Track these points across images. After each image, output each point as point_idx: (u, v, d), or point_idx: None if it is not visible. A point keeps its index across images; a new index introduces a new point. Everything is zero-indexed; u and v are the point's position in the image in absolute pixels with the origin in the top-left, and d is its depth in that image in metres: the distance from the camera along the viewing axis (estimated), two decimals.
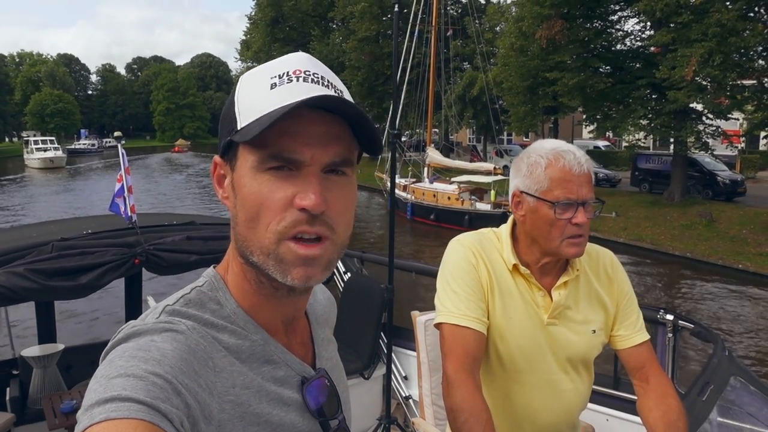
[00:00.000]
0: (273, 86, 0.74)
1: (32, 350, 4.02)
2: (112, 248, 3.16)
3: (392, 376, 3.83)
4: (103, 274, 3.05)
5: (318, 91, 0.73)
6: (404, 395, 3.92)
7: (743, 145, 28.18)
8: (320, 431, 0.83)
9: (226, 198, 0.78)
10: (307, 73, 0.75)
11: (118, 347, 0.67)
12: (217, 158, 0.80)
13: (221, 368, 0.72)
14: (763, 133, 25.28)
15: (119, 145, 3.69)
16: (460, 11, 37.88)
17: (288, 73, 0.75)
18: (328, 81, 0.76)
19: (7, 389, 3.99)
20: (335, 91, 0.76)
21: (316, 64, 0.78)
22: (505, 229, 1.71)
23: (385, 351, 3.82)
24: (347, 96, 0.77)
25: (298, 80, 0.74)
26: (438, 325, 1.61)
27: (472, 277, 1.61)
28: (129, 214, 3.40)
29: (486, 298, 1.62)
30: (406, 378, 3.98)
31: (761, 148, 33.74)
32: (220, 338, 0.74)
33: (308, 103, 0.69)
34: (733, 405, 2.29)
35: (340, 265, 4.44)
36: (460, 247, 1.67)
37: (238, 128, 0.73)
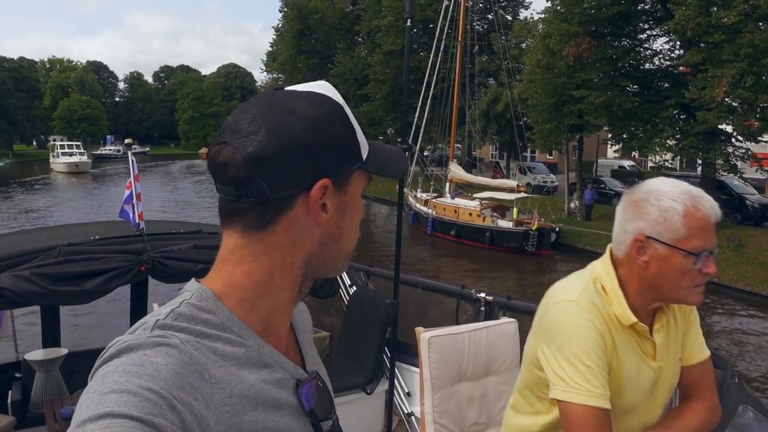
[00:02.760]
0: (351, 118, 0.83)
1: (36, 354, 4.07)
2: (118, 255, 3.15)
3: (395, 392, 3.83)
4: (108, 281, 3.04)
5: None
6: (407, 412, 3.92)
7: None
8: None
9: (327, 220, 0.81)
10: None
11: (110, 363, 0.67)
12: (328, 182, 0.78)
13: (218, 378, 0.72)
14: None
15: (129, 153, 3.74)
16: (486, 27, 37.86)
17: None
18: None
19: (9, 392, 4.02)
20: None
21: None
22: (609, 279, 1.55)
23: (389, 366, 3.84)
24: None
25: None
26: (566, 403, 1.45)
27: (602, 348, 1.47)
28: (137, 221, 3.39)
29: (608, 364, 1.49)
30: (409, 394, 3.97)
31: None
32: (215, 348, 0.74)
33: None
34: None
35: (345, 278, 4.47)
36: (585, 313, 1.48)
37: (363, 158, 0.83)
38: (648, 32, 23.40)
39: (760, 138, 19.64)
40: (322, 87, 0.83)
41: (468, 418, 2.83)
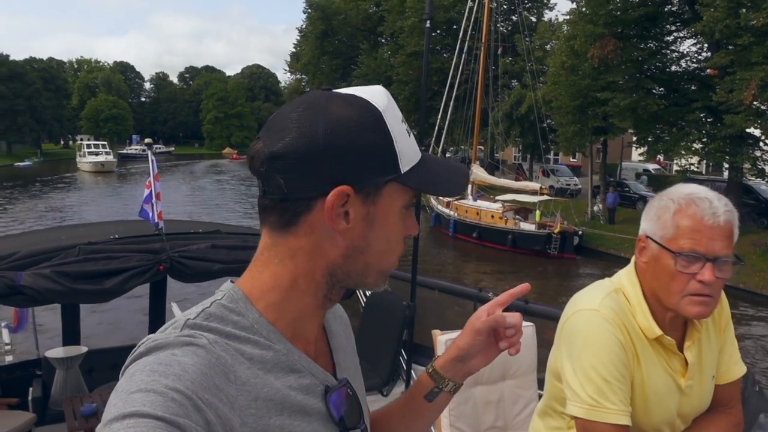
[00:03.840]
0: (408, 132, 0.81)
1: (56, 351, 4.13)
2: (137, 254, 3.18)
3: None
4: (127, 279, 3.07)
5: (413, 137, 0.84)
6: None
7: None
8: None
9: (349, 230, 0.78)
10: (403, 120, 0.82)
11: (139, 361, 0.67)
12: (350, 190, 0.76)
13: (244, 381, 0.72)
14: None
15: (149, 152, 3.76)
16: (510, 28, 37.62)
17: (403, 119, 0.81)
18: None
19: (30, 389, 4.07)
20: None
21: None
22: (633, 289, 1.49)
23: (405, 368, 3.84)
24: None
25: (408, 127, 0.82)
26: (581, 420, 1.40)
27: (622, 361, 1.40)
28: (156, 220, 3.41)
29: (631, 378, 1.43)
30: None
31: None
32: (243, 350, 0.74)
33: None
34: None
35: None
36: (605, 323, 1.42)
37: (402, 171, 0.79)
38: (675, 34, 23.06)
39: None
40: (370, 91, 0.80)
41: (484, 421, 2.82)
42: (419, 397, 1.04)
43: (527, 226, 21.06)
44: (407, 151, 0.80)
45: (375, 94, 0.79)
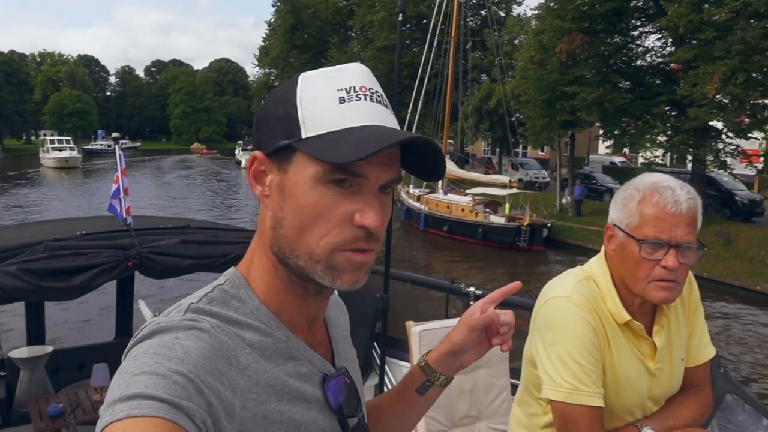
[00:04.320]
0: (342, 100, 0.75)
1: (20, 351, 3.99)
2: (105, 250, 3.11)
3: (385, 387, 3.83)
4: (95, 276, 3.00)
5: (382, 112, 0.76)
6: None
7: (762, 164, 27.72)
8: (339, 429, 0.83)
9: (266, 196, 0.78)
10: (371, 91, 0.77)
11: (142, 343, 0.68)
12: (259, 155, 0.79)
13: (245, 366, 0.72)
14: None
15: (116, 147, 3.66)
16: (479, 23, 37.82)
17: (355, 88, 0.76)
18: (386, 100, 0.79)
19: None
20: (390, 110, 0.79)
21: (374, 79, 0.79)
22: (604, 276, 1.54)
23: (378, 362, 3.83)
24: (392, 110, 0.81)
25: (365, 99, 0.76)
26: (557, 403, 1.44)
27: (595, 345, 1.45)
28: (124, 215, 3.34)
29: (602, 361, 1.47)
30: None
31: None
32: (243, 335, 0.75)
33: (410, 142, 0.73)
34: (729, 423, 2.30)
35: None
36: (577, 309, 1.46)
37: (303, 137, 0.74)
38: (640, 29, 23.44)
39: (750, 134, 19.75)
40: (359, 72, 0.78)
41: (459, 411, 2.83)
42: (411, 389, 1.06)
43: (497, 219, 21.24)
44: (319, 117, 0.74)
45: (327, 71, 0.78)
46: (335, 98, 0.75)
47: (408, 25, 40.49)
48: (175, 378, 0.62)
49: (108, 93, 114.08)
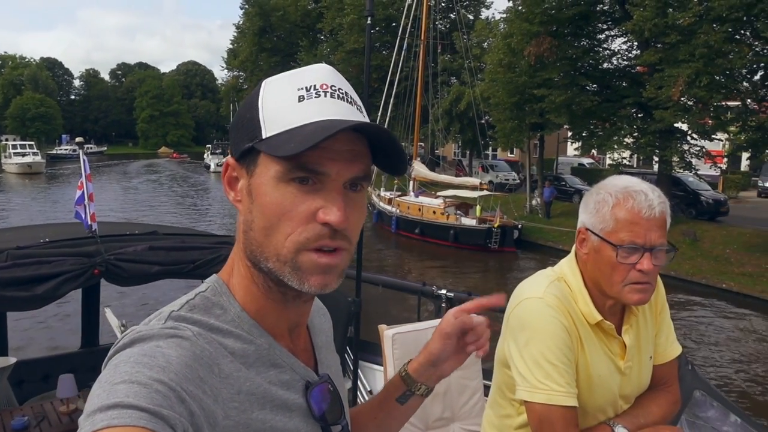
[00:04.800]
0: (301, 99, 0.75)
1: None
2: (70, 258, 3.05)
3: (357, 392, 3.84)
4: (60, 285, 2.93)
5: (344, 108, 0.75)
6: None
7: (726, 165, 28.43)
8: None
9: (239, 201, 0.79)
10: (333, 88, 0.76)
11: (123, 352, 0.67)
12: (230, 160, 0.80)
13: (227, 374, 0.72)
14: (745, 154, 25.50)
15: (80, 152, 3.59)
16: (448, 26, 38.06)
17: (315, 86, 0.75)
18: (351, 97, 0.78)
19: None
20: (356, 107, 0.78)
21: (339, 78, 0.79)
22: (575, 277, 1.55)
23: (351, 366, 3.82)
24: (362, 107, 0.80)
25: (325, 95, 0.75)
26: (532, 404, 1.45)
27: (568, 345, 1.46)
28: (89, 222, 3.26)
29: (575, 361, 1.49)
30: (371, 392, 3.97)
31: (743, 168, 34.12)
32: (225, 343, 0.74)
33: (355, 128, 0.71)
34: (697, 419, 2.36)
35: None
36: (550, 310, 1.47)
37: (263, 137, 0.74)
38: (606, 33, 23.79)
39: (713, 136, 20.18)
40: (320, 71, 0.79)
41: (432, 413, 2.83)
42: (391, 399, 1.05)
43: (468, 221, 21.35)
44: (278, 115, 0.74)
45: (286, 75, 0.79)
46: (294, 97, 0.75)
47: (377, 28, 40.55)
48: (156, 387, 0.61)
49: (72, 96, 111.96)
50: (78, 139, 4.07)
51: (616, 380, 1.54)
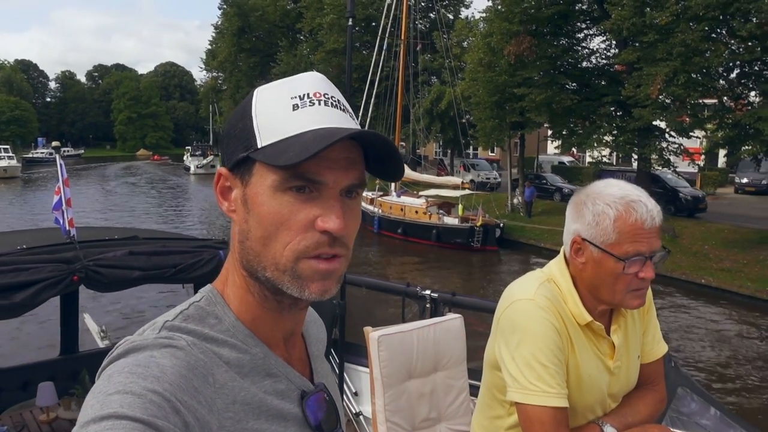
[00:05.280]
0: (295, 107, 0.75)
1: None
2: (48, 264, 2.99)
3: (343, 394, 3.83)
4: (39, 292, 2.87)
5: (338, 115, 0.76)
6: (355, 412, 3.92)
7: (703, 162, 28.82)
8: None
9: (233, 211, 0.78)
10: (326, 96, 0.76)
11: (116, 362, 0.67)
12: (223, 170, 0.79)
13: (222, 384, 0.71)
14: (722, 151, 25.90)
15: (57, 156, 3.52)
16: (428, 26, 38.13)
17: (309, 94, 0.76)
18: (343, 105, 0.78)
19: None
20: (348, 114, 0.78)
21: (331, 86, 0.79)
22: (564, 279, 1.56)
23: (336, 369, 3.81)
24: (353, 114, 0.80)
25: (319, 104, 0.75)
26: (523, 405, 1.45)
27: (559, 347, 1.47)
28: (67, 228, 3.20)
29: (566, 362, 1.50)
30: (356, 394, 3.97)
31: (720, 165, 34.63)
32: (220, 353, 0.74)
33: (353, 136, 0.72)
34: (681, 415, 2.39)
35: None
36: (541, 311, 1.47)
37: (259, 146, 0.74)
38: (585, 32, 23.94)
39: (691, 133, 20.44)
40: (313, 79, 0.79)
41: (419, 414, 2.84)
42: None
43: (451, 221, 21.42)
44: (273, 125, 0.74)
45: (279, 84, 0.79)
46: (288, 106, 0.75)
47: (357, 28, 40.51)
48: (150, 397, 0.61)
49: (48, 99, 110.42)
50: (54, 144, 4.01)
51: (605, 380, 1.55)
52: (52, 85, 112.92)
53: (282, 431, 0.76)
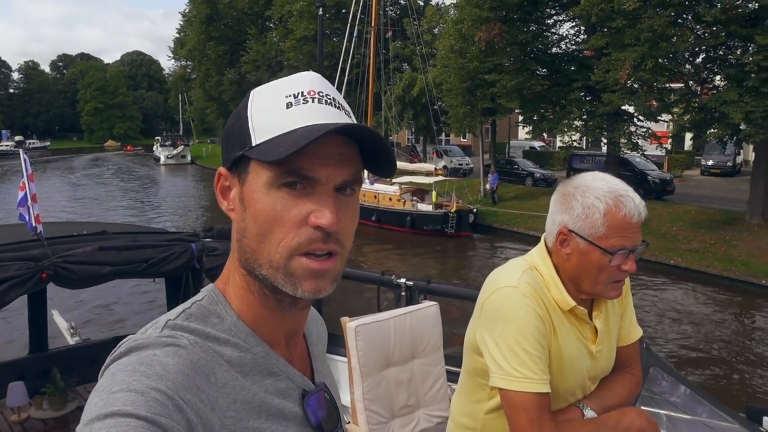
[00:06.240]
0: (289, 105, 0.75)
1: None
2: (15, 262, 2.90)
3: None
4: (6, 291, 2.80)
5: (332, 113, 0.76)
6: None
7: (670, 145, 29.33)
8: None
9: (232, 210, 0.79)
10: (320, 94, 0.77)
11: (119, 361, 0.67)
12: (222, 170, 0.80)
13: (223, 383, 0.72)
14: (688, 134, 26.33)
15: (21, 151, 3.42)
16: (398, 12, 37.95)
17: (303, 93, 0.76)
18: (339, 102, 0.79)
19: None
20: (344, 112, 0.79)
21: (326, 84, 0.80)
22: (546, 266, 1.59)
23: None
24: (350, 112, 0.81)
25: (313, 101, 0.76)
26: (506, 391, 1.48)
27: (542, 333, 1.49)
28: (33, 224, 3.11)
29: (548, 347, 1.52)
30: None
31: (686, 148, 35.25)
32: (222, 352, 0.74)
33: (343, 131, 0.72)
34: (654, 394, 2.45)
35: None
36: (524, 298, 1.50)
37: (253, 144, 0.75)
38: (555, 18, 24.16)
39: (659, 117, 20.77)
40: (307, 77, 0.80)
41: (398, 401, 2.86)
42: None
43: (425, 207, 21.49)
44: (266, 123, 0.75)
45: (281, 82, 0.80)
46: (282, 104, 0.76)
47: (327, 15, 40.17)
48: (153, 395, 0.61)
49: (11, 90, 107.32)
50: (17, 138, 3.91)
51: (586, 364, 1.59)
52: (15, 75, 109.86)
53: (283, 430, 0.77)
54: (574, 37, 23.95)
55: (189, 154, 58.55)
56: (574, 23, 23.28)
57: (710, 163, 31.06)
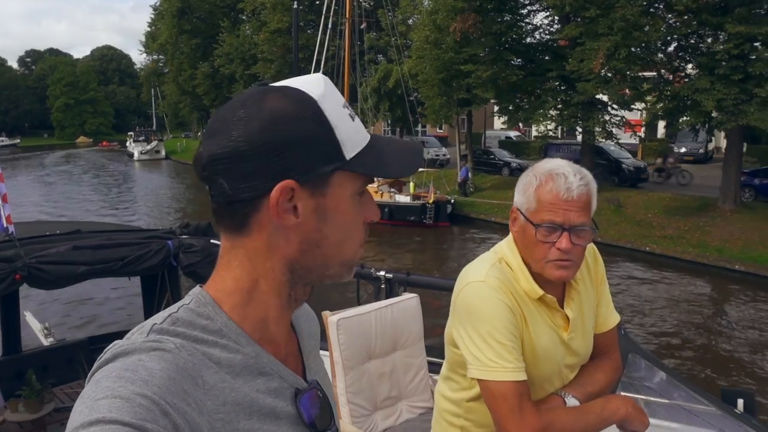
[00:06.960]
0: (351, 117, 0.80)
1: None
2: None
3: None
4: None
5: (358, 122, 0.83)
6: None
7: (644, 133, 29.67)
8: None
9: (300, 224, 0.77)
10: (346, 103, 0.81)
11: (105, 367, 0.67)
12: (295, 185, 0.75)
13: (211, 385, 0.71)
14: (661, 122, 26.69)
15: None
16: (373, 3, 37.80)
17: (345, 103, 0.80)
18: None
19: None
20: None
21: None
22: (514, 256, 1.63)
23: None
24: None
25: (350, 110, 0.81)
26: (484, 381, 1.51)
27: (513, 324, 1.53)
28: (5, 225, 3.06)
29: (521, 337, 1.56)
30: None
31: (660, 136, 35.72)
32: (211, 354, 0.73)
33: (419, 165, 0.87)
34: (633, 380, 2.50)
35: None
36: (493, 291, 1.54)
37: (347, 158, 0.77)
38: (529, 7, 24.22)
39: (632, 106, 21.00)
40: (305, 80, 0.80)
41: (380, 393, 2.88)
42: None
43: (402, 198, 21.56)
44: (352, 136, 0.78)
45: (310, 82, 0.79)
46: (346, 114, 0.79)
47: (301, 7, 39.87)
48: (139, 401, 0.61)
49: None
50: None
51: (560, 351, 1.61)
52: None
53: (275, 430, 0.77)
54: (549, 27, 24.07)
55: (163, 149, 57.79)
56: (548, 13, 23.41)
57: (683, 150, 31.47)
